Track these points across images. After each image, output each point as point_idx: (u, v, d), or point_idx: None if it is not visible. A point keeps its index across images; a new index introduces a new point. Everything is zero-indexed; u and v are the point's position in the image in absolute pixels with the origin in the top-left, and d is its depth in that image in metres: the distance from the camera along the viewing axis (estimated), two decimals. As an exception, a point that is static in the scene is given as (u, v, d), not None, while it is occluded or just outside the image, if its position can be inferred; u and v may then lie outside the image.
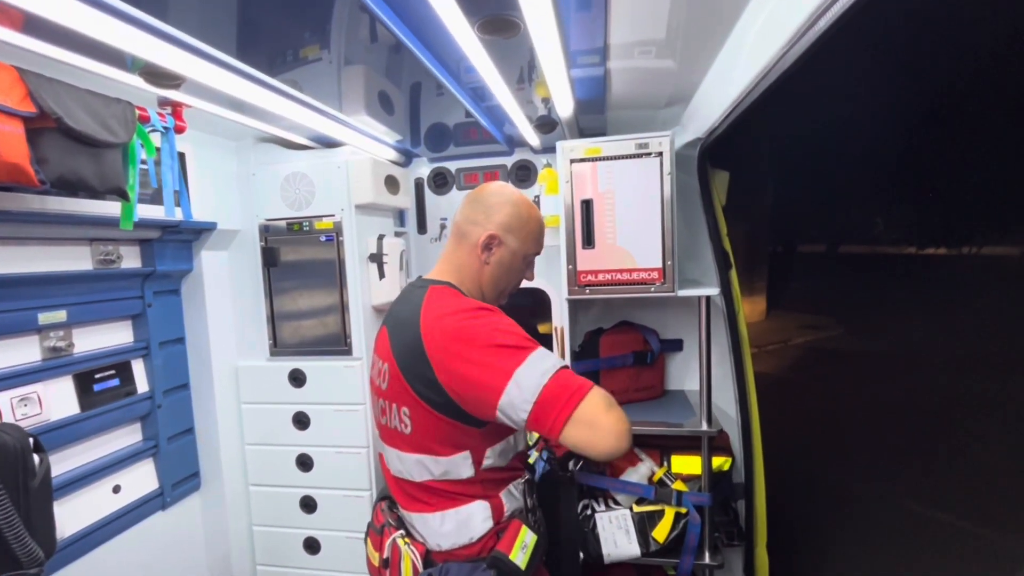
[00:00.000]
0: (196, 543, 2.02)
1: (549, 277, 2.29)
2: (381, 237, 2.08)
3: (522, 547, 1.11)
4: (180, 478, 1.95)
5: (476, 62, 1.33)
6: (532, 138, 2.13)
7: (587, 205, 1.83)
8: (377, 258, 2.07)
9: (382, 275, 2.06)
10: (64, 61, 1.14)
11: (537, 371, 0.97)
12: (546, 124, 1.94)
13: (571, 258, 1.84)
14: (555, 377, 0.96)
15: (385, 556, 1.17)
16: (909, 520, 3.30)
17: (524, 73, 1.68)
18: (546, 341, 2.49)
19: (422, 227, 2.49)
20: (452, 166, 2.43)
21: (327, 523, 2.09)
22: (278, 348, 2.09)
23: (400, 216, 2.44)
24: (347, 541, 2.06)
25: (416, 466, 1.12)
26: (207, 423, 2.03)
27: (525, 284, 2.26)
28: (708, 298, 1.80)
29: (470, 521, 1.11)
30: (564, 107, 1.74)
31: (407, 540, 1.16)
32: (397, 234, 2.35)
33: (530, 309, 3.09)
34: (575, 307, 2.04)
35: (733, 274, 2.04)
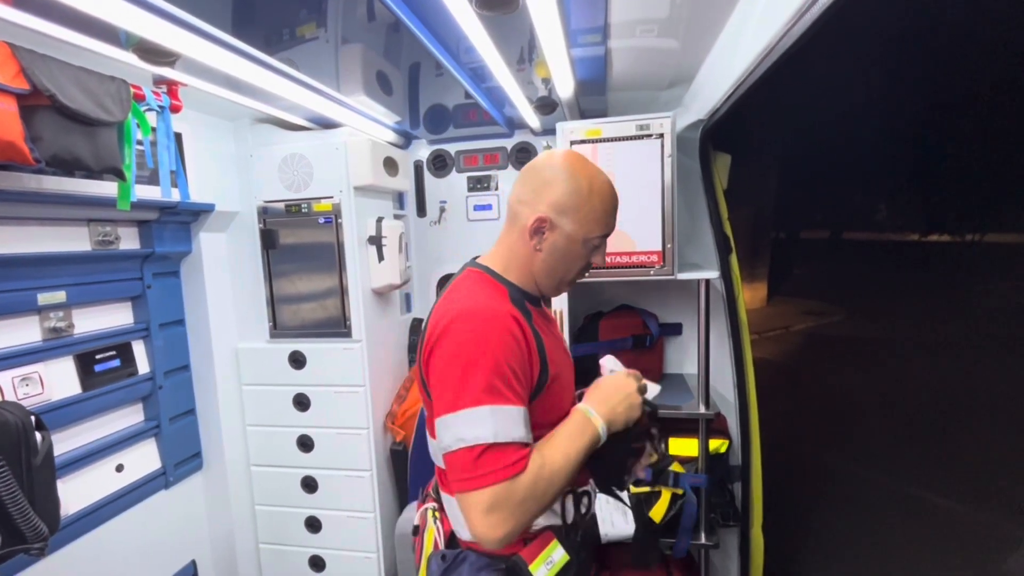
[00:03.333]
0: (199, 521, 2.05)
1: (549, 261, 2.29)
2: (380, 219, 2.07)
3: (547, 562, 0.99)
4: (182, 458, 1.97)
5: (475, 40, 1.31)
6: (532, 120, 2.11)
7: (587, 188, 1.82)
8: (376, 240, 2.06)
9: (381, 258, 2.06)
10: (56, 36, 1.12)
11: (460, 432, 0.89)
12: (546, 105, 1.92)
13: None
14: (466, 451, 0.88)
15: (416, 523, 1.16)
16: (903, 503, 3.33)
17: (524, 53, 1.65)
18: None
19: (421, 210, 2.48)
20: (452, 148, 2.41)
21: (328, 503, 2.11)
22: (278, 330, 2.09)
23: (399, 199, 2.43)
24: (348, 520, 2.10)
25: (436, 450, 1.06)
26: (208, 404, 2.04)
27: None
28: (708, 281, 1.80)
29: None
30: (564, 88, 1.72)
31: (437, 515, 1.11)
32: (396, 217, 2.34)
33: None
34: (574, 290, 2.03)
35: (733, 258, 2.03)
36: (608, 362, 1.16)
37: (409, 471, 2.17)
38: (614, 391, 1.03)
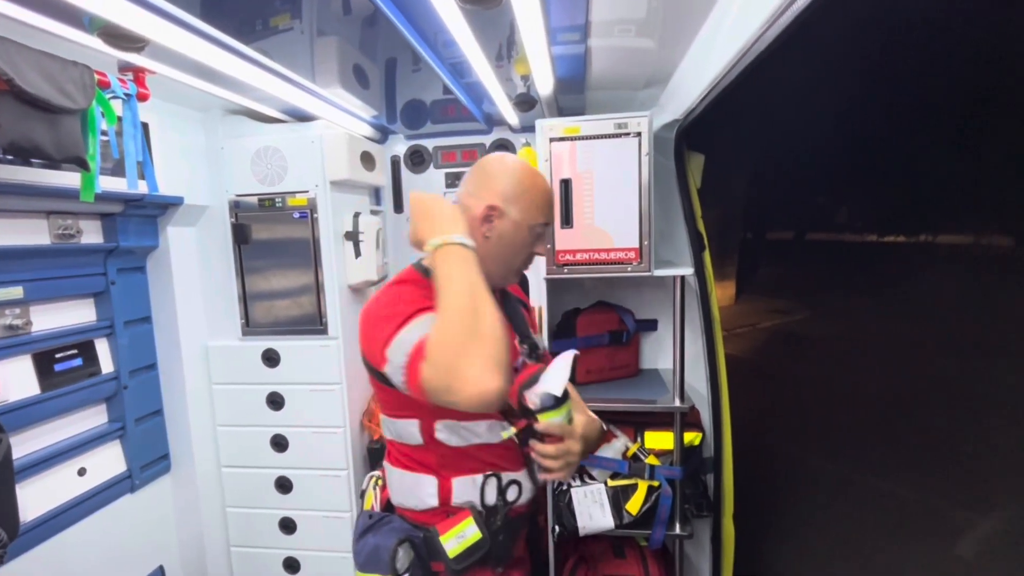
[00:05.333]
0: (167, 525, 1.98)
1: (527, 257, 2.30)
2: (357, 215, 2.04)
3: (459, 536, 1.06)
4: (149, 460, 1.90)
5: (456, 34, 1.30)
6: (511, 116, 2.12)
7: (566, 184, 1.83)
8: (353, 236, 2.03)
9: (358, 253, 2.03)
10: (15, 17, 1.07)
11: (416, 331, 0.89)
12: (525, 102, 1.93)
13: (550, 238, 1.85)
14: (412, 357, 0.88)
15: (363, 488, 1.25)
16: (866, 493, 3.48)
17: (503, 50, 1.66)
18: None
19: (399, 206, 2.46)
20: (429, 144, 2.39)
21: (303, 503, 2.08)
22: (250, 328, 2.04)
23: (376, 194, 2.40)
24: (324, 520, 2.06)
25: (383, 424, 1.15)
26: (176, 404, 1.98)
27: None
28: (683, 278, 1.84)
29: (417, 488, 1.10)
30: (544, 85, 1.73)
31: (379, 483, 1.21)
32: (373, 212, 2.31)
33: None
34: (553, 287, 2.05)
35: (706, 255, 2.08)
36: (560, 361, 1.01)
37: (386, 469, 2.15)
38: (424, 211, 0.98)
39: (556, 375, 0.97)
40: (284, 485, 2.07)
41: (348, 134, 1.97)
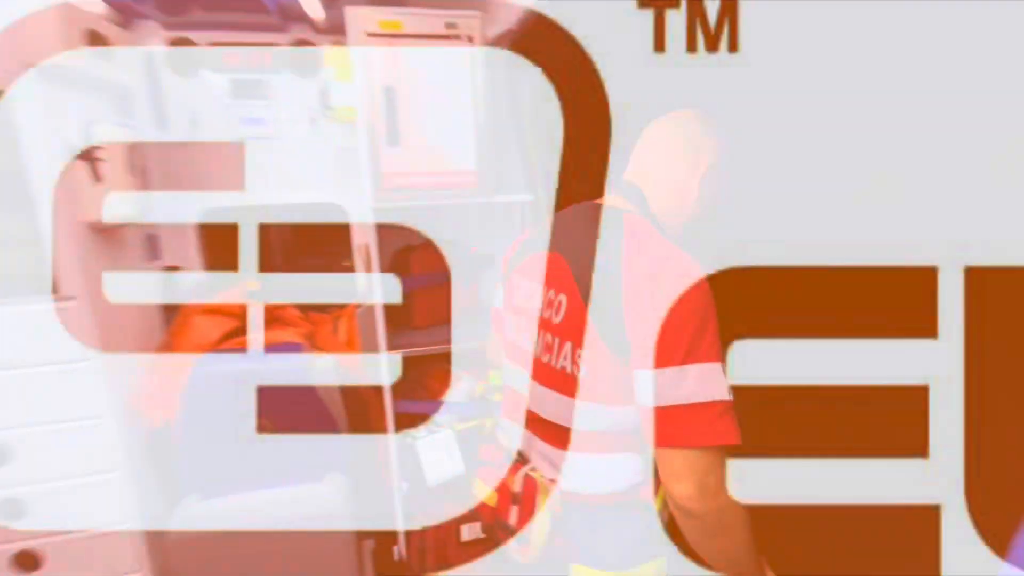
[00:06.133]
0: None
1: (345, 187, 1.96)
2: (91, 124, 1.45)
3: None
4: None
5: None
6: (313, 8, 1.70)
7: (389, 94, 1.54)
8: (88, 155, 1.45)
9: (97, 179, 1.46)
10: None
11: (710, 385, 0.83)
12: (331, -15, 1.55)
13: (375, 159, 1.56)
14: (714, 404, 0.82)
15: (516, 490, 1.06)
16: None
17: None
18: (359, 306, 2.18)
19: (161, 121, 1.85)
20: (200, 38, 1.82)
21: (51, 524, 1.52)
22: (-88, 294, 1.35)
23: (124, 102, 1.76)
24: (87, 542, 1.55)
25: (582, 414, 0.98)
26: None
27: (314, 200, 1.92)
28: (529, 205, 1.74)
29: (621, 470, 0.99)
30: (353, -41, 1.38)
31: (539, 474, 1.05)
32: (120, 125, 1.69)
33: (320, 234, 2.51)
34: (381, 219, 1.78)
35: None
36: None
37: (182, 457, 1.70)
38: None
39: None
40: (14, 510, 1.49)
41: (58, -1, 1.34)
